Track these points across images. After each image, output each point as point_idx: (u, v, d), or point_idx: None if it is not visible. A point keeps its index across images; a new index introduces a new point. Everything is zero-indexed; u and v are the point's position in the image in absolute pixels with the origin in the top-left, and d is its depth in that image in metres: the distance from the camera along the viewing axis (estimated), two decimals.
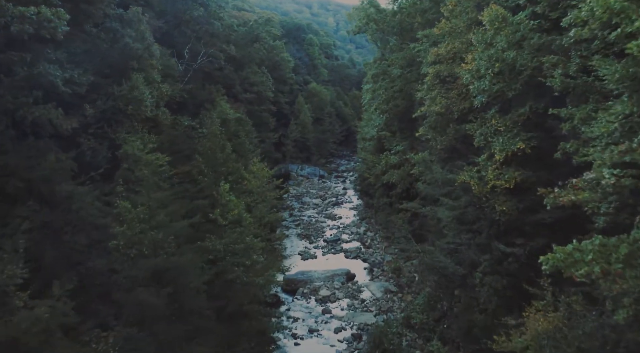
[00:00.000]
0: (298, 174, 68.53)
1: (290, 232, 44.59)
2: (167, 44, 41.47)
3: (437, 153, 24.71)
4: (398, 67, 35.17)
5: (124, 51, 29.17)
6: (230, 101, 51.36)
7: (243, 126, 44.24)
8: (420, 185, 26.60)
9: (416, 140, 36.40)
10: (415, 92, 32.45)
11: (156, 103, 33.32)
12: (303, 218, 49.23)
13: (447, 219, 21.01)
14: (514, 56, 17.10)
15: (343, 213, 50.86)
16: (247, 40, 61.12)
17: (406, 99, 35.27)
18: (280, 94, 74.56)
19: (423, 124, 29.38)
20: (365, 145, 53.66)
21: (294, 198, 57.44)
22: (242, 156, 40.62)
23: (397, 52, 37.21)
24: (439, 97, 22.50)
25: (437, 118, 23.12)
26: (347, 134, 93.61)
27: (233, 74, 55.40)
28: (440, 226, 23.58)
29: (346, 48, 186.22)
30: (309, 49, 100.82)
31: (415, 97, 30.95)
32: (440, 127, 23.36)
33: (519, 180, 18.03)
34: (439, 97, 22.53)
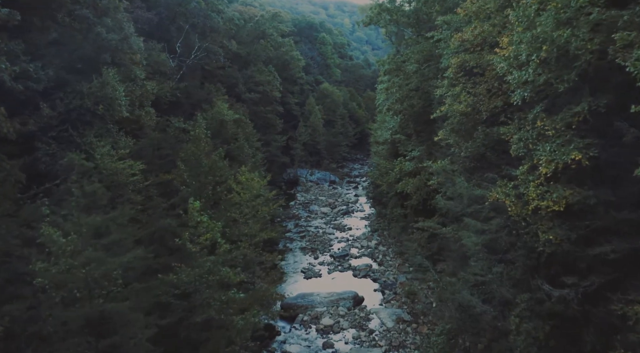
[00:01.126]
0: (307, 179, 64.46)
1: (295, 245, 40.49)
2: (159, 38, 37.83)
3: (460, 162, 20.34)
4: (414, 62, 30.82)
5: (96, 43, 25.48)
6: (231, 101, 47.60)
7: (243, 128, 40.32)
8: (440, 199, 22.26)
9: (434, 145, 32.03)
10: (433, 90, 28.14)
11: (139, 102, 29.65)
12: (309, 228, 45.07)
13: (474, 247, 16.63)
14: (568, 36, 12.74)
15: (353, 224, 46.58)
16: (252, 36, 57.37)
17: (423, 98, 30.90)
18: (290, 94, 70.75)
19: (443, 126, 25.08)
20: (379, 149, 49.30)
21: (301, 205, 53.34)
22: (240, 161, 36.73)
23: (412, 46, 32.85)
24: (464, 94, 18.18)
25: (461, 119, 18.78)
26: (361, 136, 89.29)
27: (236, 72, 51.64)
28: (463, 250, 19.19)
29: (362, 49, 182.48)
30: (321, 48, 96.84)
31: (433, 95, 26.62)
32: (465, 131, 19.01)
33: (572, 201, 13.66)
34: (463, 93, 18.22)
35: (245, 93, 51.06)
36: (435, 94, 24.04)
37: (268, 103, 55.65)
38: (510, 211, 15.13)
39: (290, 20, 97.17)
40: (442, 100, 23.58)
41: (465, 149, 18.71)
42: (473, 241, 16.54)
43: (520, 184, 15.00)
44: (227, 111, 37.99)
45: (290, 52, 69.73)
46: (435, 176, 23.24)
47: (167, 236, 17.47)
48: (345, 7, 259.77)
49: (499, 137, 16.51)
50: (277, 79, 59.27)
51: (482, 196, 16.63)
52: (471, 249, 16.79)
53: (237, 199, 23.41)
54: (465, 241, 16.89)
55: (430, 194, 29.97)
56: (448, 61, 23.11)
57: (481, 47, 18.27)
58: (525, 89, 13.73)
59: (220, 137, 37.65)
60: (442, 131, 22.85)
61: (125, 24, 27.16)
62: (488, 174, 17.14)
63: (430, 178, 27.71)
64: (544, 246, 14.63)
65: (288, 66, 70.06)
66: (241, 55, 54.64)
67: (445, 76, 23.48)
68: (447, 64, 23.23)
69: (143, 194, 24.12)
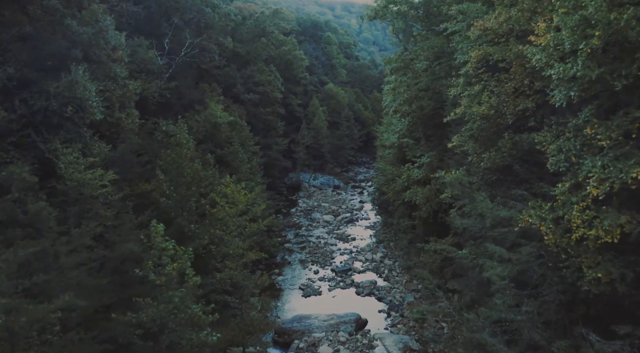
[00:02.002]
0: (310, 184, 61.52)
1: (294, 257, 37.56)
2: (148, 33, 35.06)
3: (480, 173, 17.33)
4: (423, 59, 27.87)
5: (66, 37, 22.74)
6: (228, 102, 44.82)
7: (238, 131, 37.48)
8: (455, 216, 19.24)
9: (447, 151, 29.05)
10: (446, 90, 25.17)
11: (120, 103, 26.88)
12: (310, 238, 42.12)
13: (499, 281, 13.61)
14: (628, 18, 9.77)
15: (357, 233, 43.57)
16: (252, 34, 54.54)
17: (434, 99, 27.93)
18: (292, 95, 67.90)
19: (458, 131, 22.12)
20: (384, 154, 46.38)
21: (303, 212, 50.40)
22: (234, 167, 33.91)
23: (422, 43, 29.89)
24: (486, 94, 15.18)
25: (482, 124, 15.78)
26: (367, 139, 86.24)
27: (235, 71, 48.83)
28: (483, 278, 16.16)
29: (369, 50, 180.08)
30: (326, 47, 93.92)
31: (447, 96, 23.67)
32: (486, 137, 16.02)
33: (630, 231, 10.69)
34: (485, 93, 15.22)
35: (243, 94, 48.24)
36: (449, 94, 21.08)
37: (268, 104, 52.80)
38: (547, 240, 12.14)
39: (294, 19, 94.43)
40: (457, 101, 20.65)
41: (486, 159, 15.69)
42: (498, 274, 13.51)
43: (559, 206, 12.01)
44: (221, 113, 35.17)
45: (293, 51, 66.88)
46: (449, 189, 20.22)
47: (129, 264, 14.62)
48: (352, 8, 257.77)
49: (531, 146, 13.53)
50: (279, 79, 56.45)
51: (508, 218, 13.63)
52: (495, 282, 13.76)
53: (222, 214, 20.54)
54: (488, 274, 13.86)
55: (442, 206, 26.98)
56: (465, 56, 20.18)
57: (506, 37, 15.28)
58: (570, 87, 10.72)
59: (213, 141, 34.90)
60: (456, 137, 19.90)
61: (101, 17, 24.39)
62: (516, 191, 14.12)
63: (443, 189, 24.75)
64: (589, 286, 11.63)
65: (291, 65, 67.19)
66: (240, 54, 51.83)
67: (460, 74, 20.56)
68: (462, 59, 20.30)
69: (116, 209, 21.34)
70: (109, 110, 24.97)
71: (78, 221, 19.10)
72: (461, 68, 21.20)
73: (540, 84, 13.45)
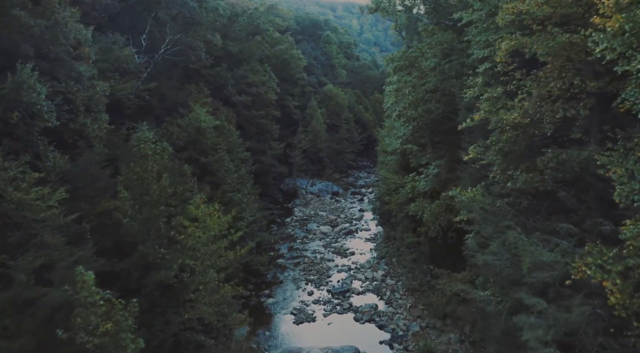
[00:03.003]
0: (307, 191, 58.15)
1: (287, 276, 34.19)
2: (124, 29, 31.78)
3: (506, 195, 13.94)
4: (431, 56, 24.54)
5: (14, 30, 19.45)
6: (217, 104, 41.49)
7: (226, 136, 34.14)
8: (472, 244, 15.86)
9: (458, 160, 25.74)
10: (458, 91, 21.86)
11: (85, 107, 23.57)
12: (305, 253, 38.73)
13: (541, 348, 10.23)
14: None
15: (357, 246, 40.16)
16: (246, 32, 51.19)
17: (443, 101, 24.58)
18: (289, 97, 64.61)
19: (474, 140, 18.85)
20: (386, 160, 42.98)
21: (299, 223, 46.99)
22: (219, 178, 30.59)
23: (429, 38, 26.56)
24: (520, 97, 11.82)
25: (513, 136, 12.40)
26: (367, 142, 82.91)
27: (225, 71, 45.47)
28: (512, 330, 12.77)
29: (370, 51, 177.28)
30: (325, 47, 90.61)
31: (460, 98, 20.38)
32: (518, 152, 12.64)
33: None
34: (520, 95, 11.87)
35: (235, 95, 44.88)
36: (463, 97, 17.73)
37: (262, 107, 49.42)
38: (611, 300, 8.80)
39: (292, 18, 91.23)
40: (474, 105, 17.33)
41: (519, 179, 12.30)
42: (539, 337, 10.14)
43: (630, 254, 8.67)
44: (206, 117, 31.82)
45: (289, 50, 63.58)
46: (465, 211, 16.86)
47: (57, 319, 11.24)
48: (354, 9, 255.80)
49: (583, 167, 10.20)
50: (274, 79, 53.10)
51: (552, 263, 10.27)
52: (536, 349, 10.37)
53: (190, 242, 17.18)
54: (526, 336, 10.48)
55: (453, 224, 23.63)
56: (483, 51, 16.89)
57: (543, 24, 11.91)
58: None
59: (197, 148, 31.56)
60: (473, 148, 16.57)
61: (59, 8, 21.07)
62: (562, 226, 10.74)
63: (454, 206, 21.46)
64: None
65: (287, 65, 63.88)
66: (232, 52, 48.46)
67: (477, 72, 17.25)
68: (480, 55, 17.02)
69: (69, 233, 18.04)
70: (72, 115, 21.75)
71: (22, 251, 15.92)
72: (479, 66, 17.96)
73: (595, 84, 10.09)
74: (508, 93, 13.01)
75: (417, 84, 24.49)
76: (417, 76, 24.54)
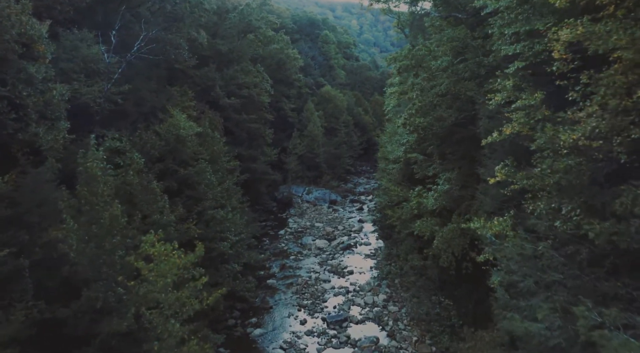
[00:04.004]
0: (303, 199, 54.62)
1: (277, 299, 30.67)
2: (94, 25, 28.29)
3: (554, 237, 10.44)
4: (441, 54, 21.05)
5: None
6: (203, 107, 38.05)
7: (209, 144, 30.65)
8: (501, 295, 12.36)
9: (474, 177, 22.29)
10: (477, 96, 18.46)
11: (38, 115, 20.14)
12: (299, 271, 35.22)
13: None
14: None
15: (356, 264, 36.66)
16: (237, 30, 47.73)
17: (455, 107, 21.09)
18: (285, 99, 61.20)
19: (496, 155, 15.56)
20: (388, 168, 39.29)
21: (293, 236, 43.46)
22: (199, 193, 27.11)
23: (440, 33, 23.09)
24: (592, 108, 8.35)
25: (574, 163, 8.90)
26: (367, 146, 79.52)
27: (213, 72, 42.02)
28: None
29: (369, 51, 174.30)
30: (323, 46, 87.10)
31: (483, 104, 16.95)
32: (578, 186, 9.15)
33: None
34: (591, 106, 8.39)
35: (223, 98, 41.39)
36: (489, 103, 14.25)
37: (254, 110, 45.92)
38: None
39: (289, 16, 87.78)
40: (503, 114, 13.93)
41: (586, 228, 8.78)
42: None
43: None
44: (186, 123, 28.32)
45: (285, 49, 60.11)
46: (489, 250, 13.39)
47: None
48: (353, 9, 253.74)
49: None
50: (267, 80, 49.63)
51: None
52: None
53: (142, 290, 13.65)
54: None
55: (469, 253, 20.18)
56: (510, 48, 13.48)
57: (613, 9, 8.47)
58: None
59: (176, 158, 28.08)
60: (501, 168, 13.11)
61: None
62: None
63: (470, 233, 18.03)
64: None
65: (283, 65, 60.41)
66: (222, 51, 45.04)
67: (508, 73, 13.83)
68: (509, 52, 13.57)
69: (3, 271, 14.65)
70: (21, 123, 18.31)
71: None
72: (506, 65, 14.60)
73: None
74: (559, 101, 9.57)
75: (426, 87, 20.98)
76: (425, 77, 21.03)
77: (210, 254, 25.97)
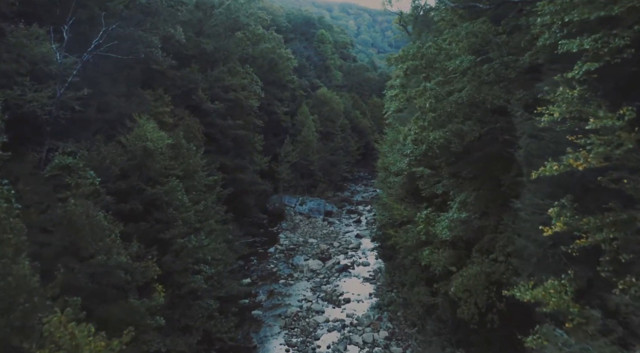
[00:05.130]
0: (296, 211, 50.53)
1: (262, 336, 26.58)
2: (47, 20, 24.18)
3: None
4: (459, 52, 17.02)
5: None
6: (182, 113, 33.99)
7: (185, 158, 26.59)
8: None
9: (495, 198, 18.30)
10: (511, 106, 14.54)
11: None
12: (289, 298, 31.13)
13: None
14: None
15: (353, 289, 32.58)
16: (223, 27, 43.70)
17: (476, 118, 17.02)
18: (277, 102, 57.12)
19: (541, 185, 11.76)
20: (388, 180, 35.10)
21: (283, 254, 39.36)
22: (169, 217, 23.05)
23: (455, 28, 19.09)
24: None
25: None
26: (365, 151, 75.52)
27: (195, 73, 37.95)
28: None
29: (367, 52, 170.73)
30: (319, 46, 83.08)
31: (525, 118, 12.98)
32: None
33: None
34: None
35: (206, 101, 37.30)
36: (542, 121, 10.22)
37: (242, 115, 41.85)
38: None
39: (283, 15, 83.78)
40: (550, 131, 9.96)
41: None
42: None
43: None
44: (156, 133, 24.26)
45: (277, 49, 56.08)
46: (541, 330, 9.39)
47: None
48: (350, 10, 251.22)
49: None
50: (258, 82, 45.57)
51: None
52: None
53: None
54: None
55: (495, 303, 16.18)
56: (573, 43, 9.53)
57: None
58: None
59: (143, 174, 24.01)
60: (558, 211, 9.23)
61: None
62: None
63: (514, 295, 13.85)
64: None
65: (275, 66, 56.38)
66: (206, 51, 40.98)
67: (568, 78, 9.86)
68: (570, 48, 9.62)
69: None
70: None
71: None
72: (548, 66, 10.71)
73: None
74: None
75: (440, 94, 16.91)
76: (440, 81, 16.97)
77: (179, 291, 21.94)
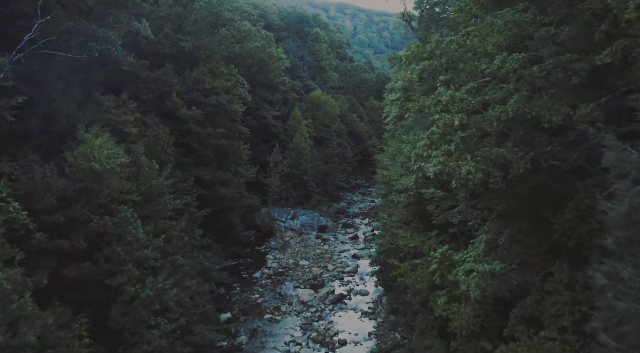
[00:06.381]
0: (287, 226, 45.86)
1: None
2: None
3: None
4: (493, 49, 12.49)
5: None
6: (153, 120, 29.35)
7: (146, 178, 21.93)
8: None
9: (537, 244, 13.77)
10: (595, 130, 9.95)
11: None
12: (275, 341, 26.44)
13: None
14: None
15: (349, 327, 27.91)
16: (205, 23, 39.13)
17: (517, 139, 12.43)
18: (267, 105, 52.55)
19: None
20: (390, 197, 30.26)
21: (270, 280, 34.66)
22: (120, 258, 18.38)
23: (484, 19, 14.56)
24: None
25: None
26: (362, 157, 71.03)
27: (171, 75, 33.25)
28: None
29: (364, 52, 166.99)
30: (314, 46, 78.52)
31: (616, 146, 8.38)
32: None
33: None
34: None
35: (182, 107, 32.60)
36: None
37: (224, 121, 37.19)
38: None
39: (276, 12, 79.22)
40: None
41: None
42: None
43: None
44: (107, 150, 19.58)
45: (267, 48, 51.52)
46: None
47: None
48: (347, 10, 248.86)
49: None
50: (244, 85, 40.98)
51: None
52: None
53: None
54: None
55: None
56: None
57: None
58: None
59: (91, 201, 19.33)
60: None
61: None
62: None
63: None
64: None
65: (265, 66, 51.83)
66: (185, 49, 36.30)
67: None
68: None
69: None
70: None
71: None
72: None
73: None
74: None
75: (469, 108, 12.28)
76: (472, 88, 12.37)
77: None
